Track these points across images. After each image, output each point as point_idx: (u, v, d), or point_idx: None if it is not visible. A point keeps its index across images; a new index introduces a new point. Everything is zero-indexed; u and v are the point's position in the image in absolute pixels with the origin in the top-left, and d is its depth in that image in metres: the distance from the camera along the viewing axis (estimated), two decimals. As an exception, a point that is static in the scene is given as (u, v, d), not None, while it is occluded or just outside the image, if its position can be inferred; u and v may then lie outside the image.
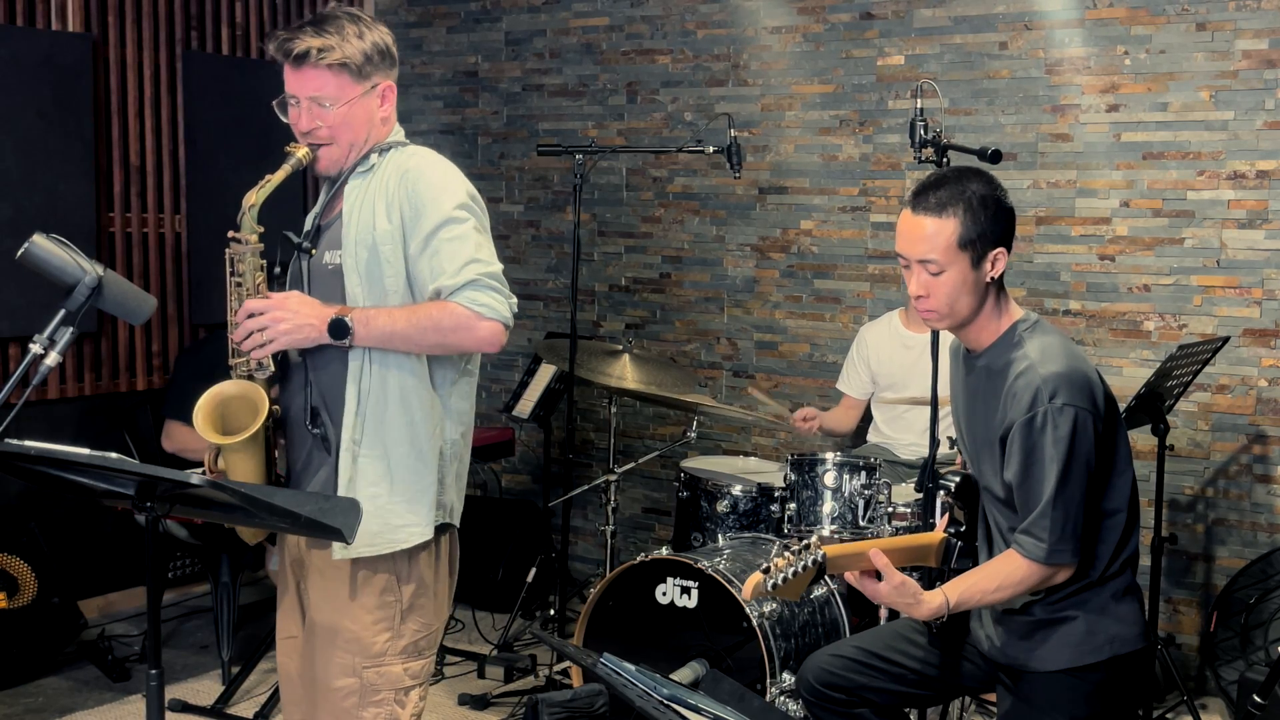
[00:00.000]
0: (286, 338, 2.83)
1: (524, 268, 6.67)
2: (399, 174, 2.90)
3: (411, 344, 2.86)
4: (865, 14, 5.69)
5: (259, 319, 2.83)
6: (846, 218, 5.81)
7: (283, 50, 2.89)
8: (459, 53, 6.82)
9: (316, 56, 2.86)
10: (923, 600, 2.88)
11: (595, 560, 6.49)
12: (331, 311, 2.83)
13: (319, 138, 2.92)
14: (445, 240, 2.85)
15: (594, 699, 4.17)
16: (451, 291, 2.84)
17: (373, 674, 2.93)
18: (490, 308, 2.86)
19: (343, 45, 2.88)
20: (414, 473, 2.92)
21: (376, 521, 2.87)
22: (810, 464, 4.65)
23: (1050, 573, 2.94)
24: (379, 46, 2.96)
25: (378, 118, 2.97)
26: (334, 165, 2.96)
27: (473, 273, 2.84)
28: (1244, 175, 5.01)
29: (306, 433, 2.95)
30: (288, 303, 2.84)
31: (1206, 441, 5.17)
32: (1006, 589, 2.94)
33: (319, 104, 2.89)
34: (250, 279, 2.91)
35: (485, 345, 2.90)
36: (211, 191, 6.06)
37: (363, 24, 2.95)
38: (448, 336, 2.86)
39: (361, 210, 2.90)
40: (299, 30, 2.89)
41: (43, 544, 5.22)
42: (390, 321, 2.83)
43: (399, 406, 2.89)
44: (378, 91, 2.96)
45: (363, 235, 2.88)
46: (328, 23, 2.90)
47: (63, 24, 5.62)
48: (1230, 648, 4.85)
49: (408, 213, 2.86)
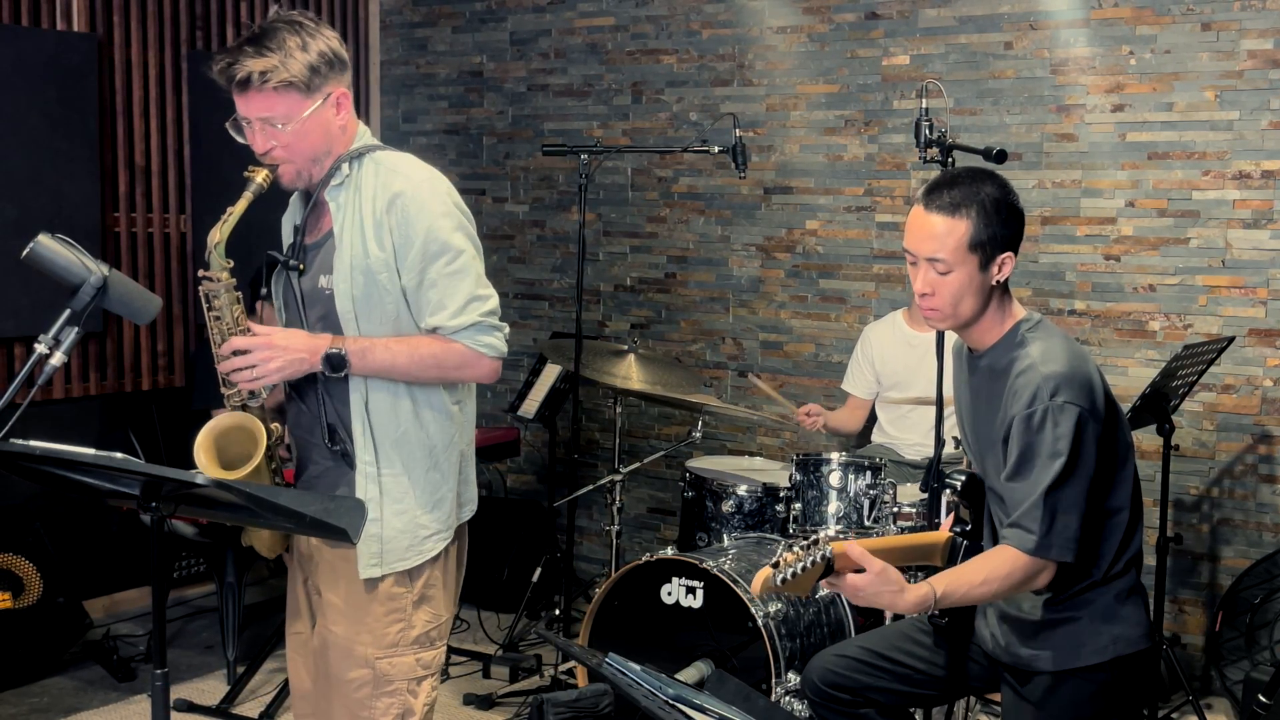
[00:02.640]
0: (279, 375, 2.82)
1: (529, 268, 6.68)
2: (387, 197, 2.83)
3: (409, 378, 2.87)
4: (870, 14, 5.69)
5: (247, 358, 2.80)
6: (851, 218, 5.81)
7: (225, 75, 2.81)
8: (464, 53, 6.82)
9: (259, 81, 2.77)
10: (907, 589, 2.77)
11: (600, 560, 6.50)
12: (324, 343, 2.81)
13: (275, 157, 2.86)
14: (444, 275, 2.83)
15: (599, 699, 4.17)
16: (454, 332, 2.86)
17: (385, 664, 2.94)
18: (493, 347, 2.90)
19: (286, 63, 2.77)
20: (434, 485, 2.94)
21: (406, 537, 2.91)
22: (815, 464, 4.65)
23: (1037, 567, 2.87)
24: (325, 55, 2.83)
25: (335, 126, 2.88)
26: (298, 180, 2.91)
27: (475, 315, 2.86)
28: (1249, 175, 5.01)
29: (323, 448, 2.94)
30: (274, 340, 2.80)
31: (1211, 441, 5.17)
32: (993, 582, 2.86)
33: (271, 124, 2.83)
34: (229, 313, 2.86)
35: (483, 379, 2.95)
36: (217, 191, 6.02)
37: (305, 33, 2.81)
38: (449, 373, 2.89)
39: (351, 232, 2.85)
40: (239, 52, 2.79)
41: (48, 544, 5.23)
42: (390, 356, 2.82)
43: (413, 424, 2.90)
44: (331, 101, 2.86)
45: (357, 261, 2.84)
46: (268, 38, 2.79)
47: (68, 24, 5.63)
48: (1235, 647, 4.84)
49: (399, 241, 2.82)
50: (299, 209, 3.03)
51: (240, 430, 2.89)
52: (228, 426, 2.89)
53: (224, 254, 2.87)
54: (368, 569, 2.89)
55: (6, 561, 5.05)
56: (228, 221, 2.85)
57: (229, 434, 2.89)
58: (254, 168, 2.88)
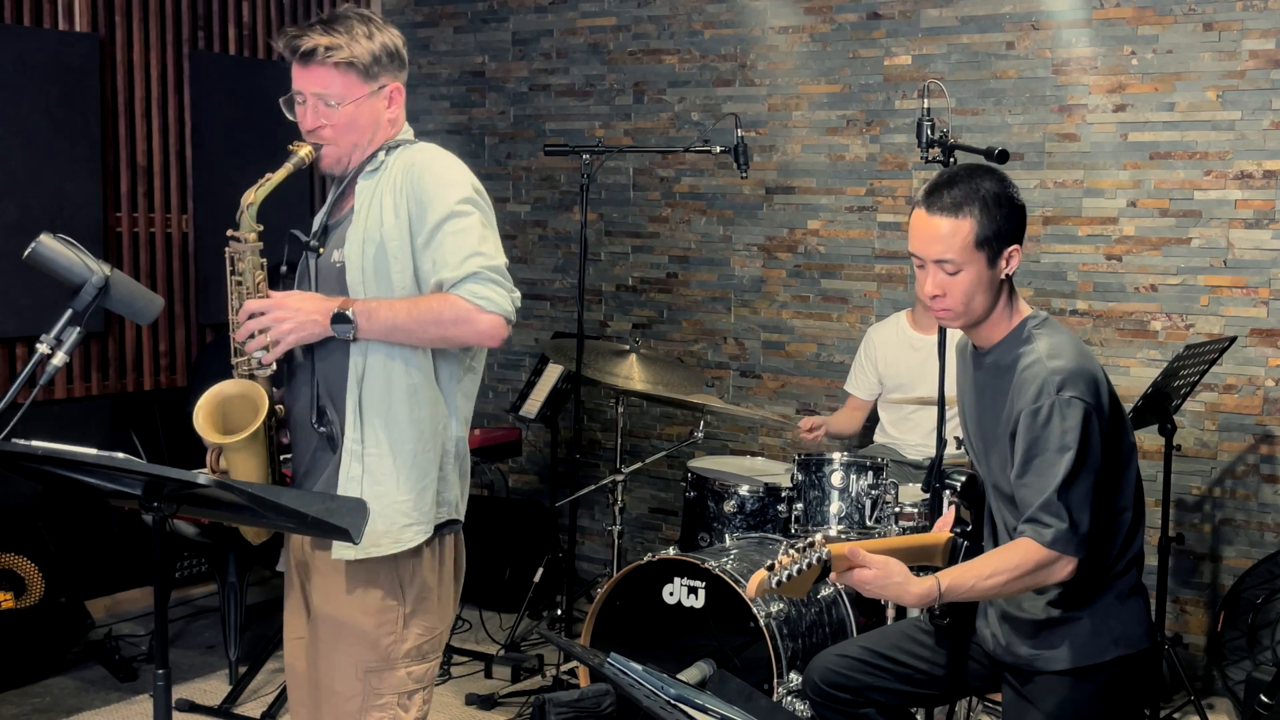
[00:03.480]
0: (293, 336, 2.82)
1: (531, 268, 6.68)
2: (405, 169, 2.88)
3: (413, 337, 2.84)
4: (872, 14, 5.69)
5: (261, 319, 2.81)
6: (853, 218, 5.81)
7: (290, 47, 2.87)
8: (466, 53, 6.82)
9: (324, 54, 2.84)
10: (911, 581, 2.80)
11: (602, 560, 6.50)
12: (334, 304, 2.82)
13: (322, 136, 2.90)
14: (449, 233, 2.83)
15: (601, 699, 4.17)
16: (453, 284, 2.82)
17: (376, 678, 2.92)
18: (491, 300, 2.82)
19: (351, 45, 2.86)
20: (419, 471, 2.90)
21: (383, 522, 2.85)
22: (817, 464, 4.65)
23: (1049, 559, 2.86)
24: (388, 48, 2.93)
25: (384, 119, 2.95)
26: (337, 164, 2.95)
27: (474, 265, 2.82)
28: (1251, 175, 5.00)
29: (312, 431, 2.92)
30: (288, 301, 2.83)
31: (1213, 441, 5.16)
32: (1001, 574, 2.85)
33: (324, 102, 2.88)
34: (250, 277, 2.90)
35: (486, 339, 2.87)
36: (219, 191, 6.06)
37: (373, 25, 2.92)
38: (448, 329, 2.83)
39: (370, 208, 2.88)
40: (308, 28, 2.88)
41: (50, 544, 5.23)
42: (392, 314, 2.81)
43: (404, 405, 2.87)
44: (385, 93, 2.94)
45: (370, 232, 2.86)
46: (338, 22, 2.88)
47: (70, 24, 5.63)
48: (1237, 648, 4.84)
49: (414, 208, 2.85)
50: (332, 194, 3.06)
51: (243, 399, 2.88)
52: (231, 394, 2.89)
53: (255, 217, 2.89)
54: (342, 550, 2.85)
55: (8, 561, 5.05)
56: (264, 186, 2.88)
57: (232, 401, 2.88)
58: (298, 143, 2.91)
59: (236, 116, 6.07)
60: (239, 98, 6.10)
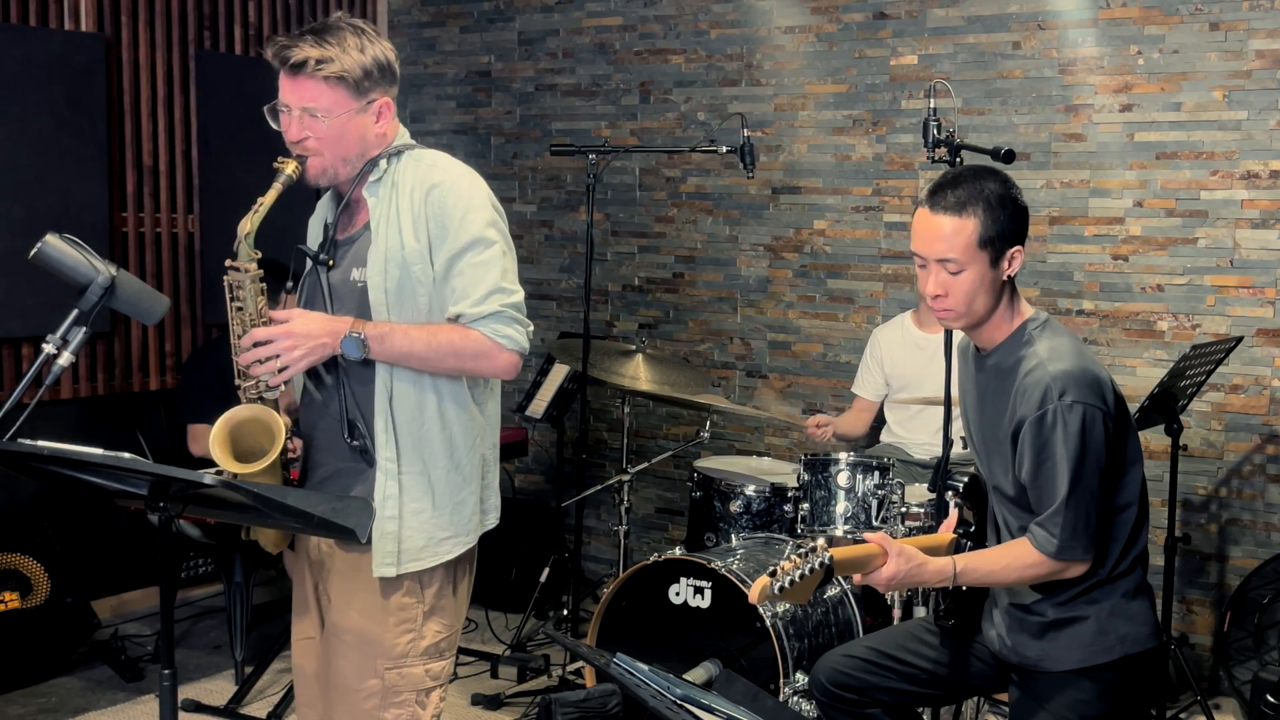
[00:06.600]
0: (304, 362, 2.80)
1: (537, 267, 6.68)
2: (424, 190, 2.83)
3: (427, 365, 2.83)
4: (878, 14, 5.68)
5: (267, 348, 2.78)
6: (860, 217, 5.80)
7: (280, 57, 2.81)
8: (472, 52, 6.82)
9: (314, 67, 2.78)
10: (928, 561, 2.90)
11: (608, 560, 6.49)
12: (344, 326, 2.79)
13: (307, 148, 2.85)
14: (471, 264, 2.82)
15: (607, 699, 4.17)
16: (474, 320, 2.82)
17: (395, 675, 2.92)
18: (512, 339, 2.85)
19: (342, 57, 2.79)
20: (455, 486, 2.91)
21: (422, 536, 2.88)
22: (824, 464, 4.65)
23: (1059, 567, 2.94)
24: (380, 61, 2.86)
25: (373, 134, 2.89)
26: (323, 175, 2.89)
27: (496, 304, 2.82)
28: (1257, 175, 5.00)
29: (339, 448, 2.91)
30: (294, 328, 2.79)
31: (1220, 441, 5.16)
32: (1014, 570, 2.95)
33: (311, 115, 2.82)
34: (252, 304, 2.85)
35: (502, 374, 2.91)
36: (224, 191, 6.06)
37: (365, 36, 2.85)
38: (466, 363, 2.84)
39: (388, 226, 2.84)
40: (299, 38, 2.81)
41: (56, 544, 5.23)
42: (408, 343, 2.79)
43: (437, 422, 2.87)
44: (374, 108, 2.87)
45: (392, 253, 2.83)
46: (329, 33, 2.81)
47: (75, 24, 5.63)
48: (1244, 648, 4.84)
49: (434, 231, 2.81)
50: (329, 208, 3.01)
51: (256, 423, 2.86)
52: (244, 418, 2.86)
53: (253, 244, 2.86)
54: (382, 568, 2.86)
55: (14, 562, 5.06)
56: (258, 212, 2.83)
57: (245, 425, 2.86)
58: (283, 159, 2.86)
59: (242, 116, 6.06)
60: (245, 98, 6.07)
